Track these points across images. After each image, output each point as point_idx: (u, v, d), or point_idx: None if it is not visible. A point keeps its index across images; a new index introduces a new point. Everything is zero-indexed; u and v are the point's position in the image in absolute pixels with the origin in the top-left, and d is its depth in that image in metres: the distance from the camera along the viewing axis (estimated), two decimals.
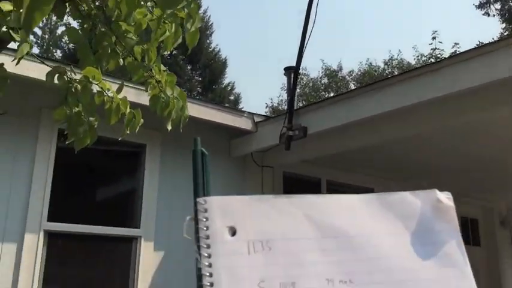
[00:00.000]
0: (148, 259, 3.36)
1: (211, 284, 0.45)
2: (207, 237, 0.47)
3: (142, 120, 1.77)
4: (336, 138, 3.58)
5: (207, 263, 0.46)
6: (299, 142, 3.57)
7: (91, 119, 1.74)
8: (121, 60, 1.68)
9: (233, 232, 0.48)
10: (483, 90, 2.57)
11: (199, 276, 0.45)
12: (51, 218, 3.06)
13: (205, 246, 0.46)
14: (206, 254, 0.46)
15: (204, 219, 0.48)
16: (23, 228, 2.94)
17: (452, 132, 3.53)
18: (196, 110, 3.50)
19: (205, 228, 0.47)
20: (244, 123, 3.88)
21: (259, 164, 4.11)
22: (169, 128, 1.77)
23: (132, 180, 3.57)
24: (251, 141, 3.95)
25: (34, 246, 2.94)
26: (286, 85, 4.87)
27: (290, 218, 0.50)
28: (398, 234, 0.53)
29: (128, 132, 1.74)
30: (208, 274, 0.46)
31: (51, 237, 3.04)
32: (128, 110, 1.75)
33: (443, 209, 0.56)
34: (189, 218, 0.47)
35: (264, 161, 4.14)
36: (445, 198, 0.57)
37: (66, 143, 1.71)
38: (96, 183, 3.46)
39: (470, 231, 5.84)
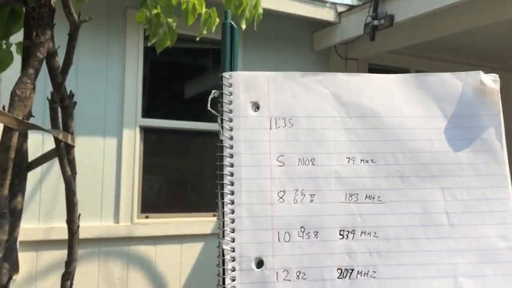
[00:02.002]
0: None
1: (231, 156, 0.48)
2: (230, 111, 0.49)
3: (218, 19, 1.78)
4: (425, 26, 3.33)
5: (228, 136, 0.48)
6: (385, 32, 3.39)
7: (169, 20, 1.78)
8: None
9: (256, 107, 0.49)
10: None
11: (221, 148, 0.48)
12: (145, 114, 3.29)
13: (227, 119, 0.48)
14: (228, 127, 0.48)
15: (229, 94, 0.49)
16: (121, 125, 3.20)
17: None
18: (275, 3, 3.41)
19: (228, 103, 0.49)
20: (327, 14, 3.72)
21: (343, 57, 3.99)
22: (243, 26, 1.77)
23: (216, 76, 3.66)
24: (334, 33, 3.81)
25: (132, 140, 3.21)
26: None
27: (316, 96, 0.50)
28: (432, 116, 0.51)
29: (205, 32, 1.76)
30: (229, 146, 0.48)
31: (146, 132, 3.29)
32: (204, 9, 1.76)
33: (486, 92, 0.52)
34: (214, 91, 0.48)
35: (348, 53, 4.01)
36: (490, 80, 0.52)
37: (149, 44, 1.78)
38: (183, 81, 3.60)
39: None
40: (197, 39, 1.81)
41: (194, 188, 3.45)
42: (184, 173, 3.41)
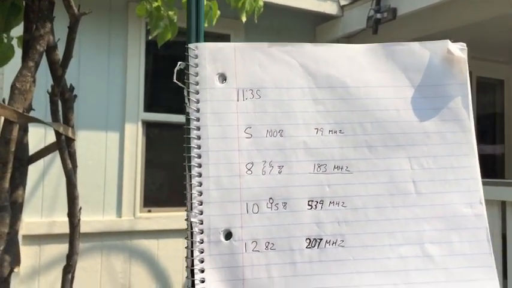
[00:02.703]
0: None
1: (198, 128, 0.48)
2: (197, 83, 0.48)
3: (219, 12, 1.77)
4: (428, 19, 3.31)
5: (195, 108, 0.48)
6: (388, 25, 3.37)
7: (170, 13, 1.78)
8: None
9: (223, 79, 0.49)
10: None
11: (188, 120, 0.47)
12: (147, 108, 3.31)
13: (194, 91, 0.48)
14: (195, 100, 0.48)
15: (194, 66, 0.48)
16: (123, 119, 3.21)
17: None
18: None
19: (194, 74, 0.48)
20: (329, 8, 3.71)
21: None
22: (243, 19, 1.76)
23: None
24: (337, 26, 3.79)
25: (134, 134, 3.22)
26: None
27: (284, 67, 0.49)
28: (400, 86, 0.50)
29: (206, 25, 1.76)
30: (195, 118, 0.48)
31: (148, 126, 3.31)
32: (205, 2, 1.75)
33: (453, 61, 0.51)
34: (180, 63, 0.48)
35: None
36: (457, 49, 0.52)
37: (150, 37, 1.79)
38: None
39: None
40: None
41: None
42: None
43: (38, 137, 2.78)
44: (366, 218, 0.48)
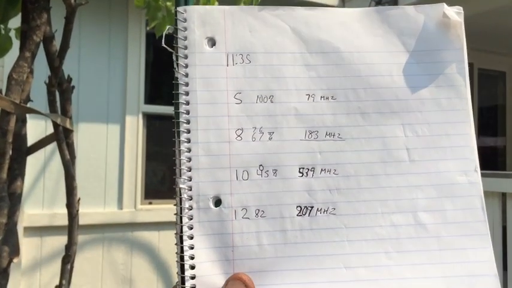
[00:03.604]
0: None
1: (187, 93, 0.46)
2: (185, 47, 0.47)
3: (217, 2, 1.77)
4: None
5: (183, 73, 0.46)
6: None
7: (168, 3, 1.78)
8: None
9: (212, 43, 0.47)
10: None
11: (177, 86, 0.46)
12: (148, 100, 3.30)
13: (182, 56, 0.47)
14: (183, 64, 0.47)
15: (183, 29, 0.47)
16: (124, 111, 3.21)
17: None
18: None
19: (183, 38, 0.47)
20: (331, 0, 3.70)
21: None
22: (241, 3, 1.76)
23: None
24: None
25: (135, 126, 3.22)
26: None
27: (275, 31, 0.48)
28: (395, 51, 0.49)
29: None
30: (184, 83, 0.47)
31: (149, 118, 3.30)
32: None
33: (449, 25, 0.49)
34: (168, 27, 0.47)
35: None
36: (453, 13, 0.50)
37: (148, 28, 1.79)
38: None
39: None
40: None
41: None
42: None
43: (39, 128, 2.78)
44: (358, 185, 0.47)
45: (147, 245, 3.20)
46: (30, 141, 1.28)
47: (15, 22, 1.29)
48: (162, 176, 3.39)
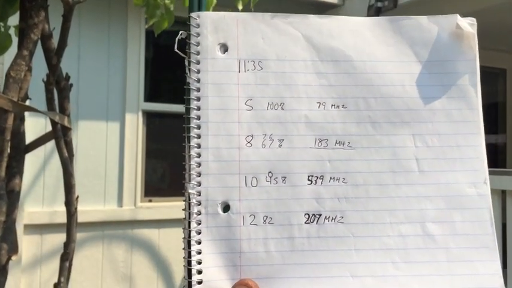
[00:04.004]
0: None
1: (198, 99, 0.47)
2: (198, 53, 0.47)
3: (215, 0, 1.77)
4: (430, 7, 3.28)
5: (195, 78, 0.47)
6: (389, 14, 3.34)
7: (166, 1, 1.77)
8: None
9: (225, 49, 0.47)
10: None
11: (188, 91, 0.46)
12: (147, 98, 3.30)
13: (194, 61, 0.47)
14: (195, 70, 0.47)
15: (196, 35, 0.47)
16: (123, 109, 3.20)
17: None
18: None
19: (196, 44, 0.47)
20: None
21: None
22: (239, 7, 1.76)
23: None
24: (338, 14, 3.76)
25: (134, 124, 3.22)
26: None
27: (287, 39, 0.48)
28: (407, 61, 0.49)
29: None
30: (195, 89, 0.47)
31: (149, 116, 3.30)
32: None
33: (462, 36, 0.49)
34: (181, 32, 0.47)
35: None
36: (467, 24, 0.50)
37: (147, 26, 1.78)
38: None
39: None
40: None
41: None
42: None
43: (39, 127, 2.78)
44: (367, 194, 0.47)
45: (147, 242, 3.20)
46: (31, 139, 1.28)
47: (14, 20, 1.29)
48: (162, 174, 3.39)
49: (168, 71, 3.48)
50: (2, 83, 1.04)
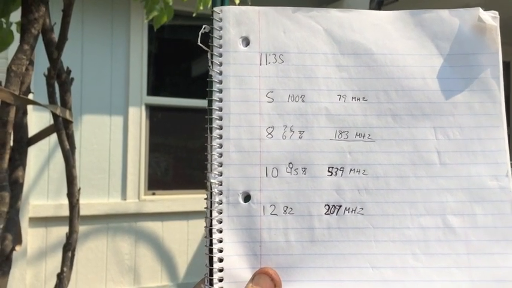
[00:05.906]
0: None
1: (220, 91, 0.47)
2: (220, 46, 0.47)
3: None
4: (433, 0, 3.28)
5: (217, 71, 0.47)
6: (391, 7, 3.34)
7: None
8: None
9: (247, 43, 0.48)
10: None
11: (210, 83, 0.47)
12: (150, 92, 3.30)
13: (217, 54, 0.47)
14: (218, 62, 0.47)
15: (219, 29, 0.48)
16: (127, 103, 3.21)
17: None
18: None
19: (218, 38, 0.48)
20: None
21: None
22: (236, 1, 1.76)
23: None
24: (340, 7, 3.76)
25: (138, 118, 3.22)
26: None
27: (308, 32, 0.48)
28: (428, 54, 0.49)
29: (202, 8, 1.76)
30: (218, 81, 0.47)
31: (152, 110, 3.30)
32: None
33: (484, 29, 0.49)
34: (205, 26, 0.47)
35: None
36: (489, 17, 0.49)
37: (146, 20, 1.79)
38: (189, 58, 3.59)
39: None
40: (194, 15, 1.81)
41: (200, 165, 3.46)
42: (190, 150, 3.42)
43: (44, 120, 2.78)
44: (387, 186, 0.47)
45: (151, 235, 3.22)
46: (35, 132, 1.29)
47: (17, 16, 1.30)
48: (165, 167, 3.40)
49: (171, 65, 3.48)
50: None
